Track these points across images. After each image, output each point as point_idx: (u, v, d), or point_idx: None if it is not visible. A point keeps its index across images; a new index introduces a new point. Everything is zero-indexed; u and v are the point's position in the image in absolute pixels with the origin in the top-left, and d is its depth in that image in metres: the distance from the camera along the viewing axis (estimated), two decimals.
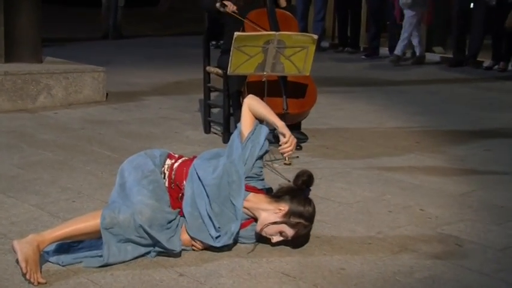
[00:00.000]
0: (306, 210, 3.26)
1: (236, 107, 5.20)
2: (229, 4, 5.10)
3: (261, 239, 3.34)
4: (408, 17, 9.62)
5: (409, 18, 9.61)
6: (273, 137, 4.86)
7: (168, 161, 3.46)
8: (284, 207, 3.25)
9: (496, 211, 3.93)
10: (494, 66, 9.30)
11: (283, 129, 3.45)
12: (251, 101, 3.52)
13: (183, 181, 3.37)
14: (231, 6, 5.09)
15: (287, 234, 3.26)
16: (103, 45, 11.62)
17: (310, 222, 3.29)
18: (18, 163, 4.66)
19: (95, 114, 6.28)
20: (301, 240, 3.33)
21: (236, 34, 4.61)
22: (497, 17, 8.91)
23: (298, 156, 4.87)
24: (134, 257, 3.14)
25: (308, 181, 3.34)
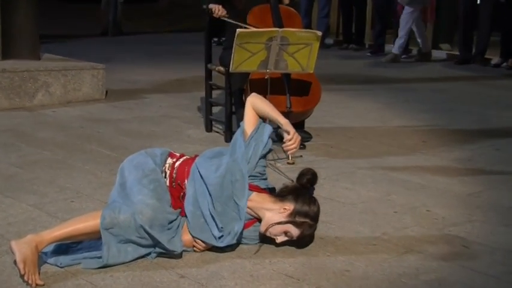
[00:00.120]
0: (311, 209, 3.27)
1: (238, 105, 5.20)
2: (217, 9, 5.06)
3: (264, 240, 3.35)
4: (405, 13, 9.60)
5: (406, 16, 9.59)
6: (276, 136, 4.86)
7: (169, 160, 3.46)
8: (289, 207, 3.26)
9: (504, 212, 3.93)
10: (502, 63, 9.28)
11: (287, 126, 3.45)
12: (254, 99, 3.53)
13: (184, 180, 3.37)
14: (218, 11, 5.05)
15: (292, 234, 3.26)
16: (102, 42, 11.63)
17: (315, 222, 3.30)
18: (16, 162, 4.67)
19: (94, 112, 6.28)
20: (306, 240, 3.34)
21: (238, 31, 4.61)
22: (506, 14, 8.89)
23: (301, 156, 4.87)
24: (134, 258, 3.14)
25: (312, 179, 3.35)
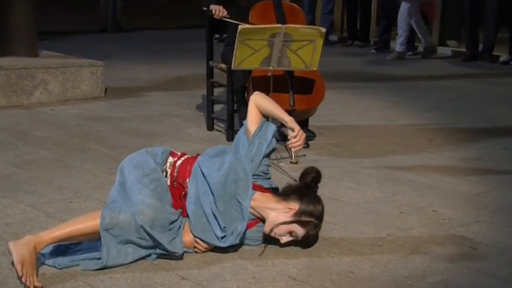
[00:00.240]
0: (316, 208, 3.27)
1: (240, 103, 5.20)
2: (217, 10, 5.05)
3: (267, 240, 3.35)
4: (402, 9, 9.60)
5: (403, 12, 9.60)
6: (279, 135, 4.86)
7: (170, 159, 3.46)
8: (294, 206, 3.26)
9: None
10: (511, 60, 9.28)
11: (292, 124, 3.46)
12: (257, 97, 3.53)
13: (186, 179, 3.37)
14: (219, 12, 5.04)
15: (297, 234, 3.27)
16: (101, 38, 11.63)
17: (321, 221, 3.31)
18: (13, 161, 4.67)
19: (93, 110, 6.29)
20: (310, 240, 3.34)
21: (240, 27, 4.61)
22: None
23: (305, 155, 4.87)
24: (134, 259, 3.14)
25: (317, 178, 3.36)
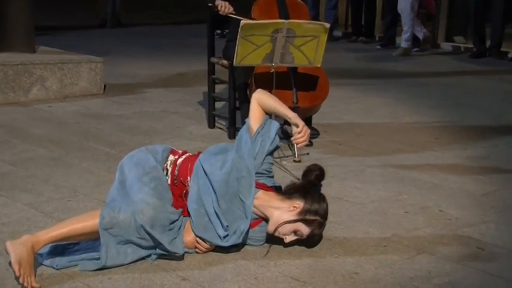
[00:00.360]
0: (321, 206, 3.28)
1: (242, 100, 5.20)
2: (222, 5, 5.05)
3: (270, 240, 3.35)
4: (405, 5, 9.59)
5: (405, 7, 9.59)
6: (282, 133, 4.86)
7: (171, 157, 3.47)
8: (299, 205, 3.27)
9: None
10: None
11: (296, 119, 3.46)
12: (260, 95, 3.54)
13: (187, 177, 3.37)
14: (224, 8, 5.04)
15: (302, 232, 3.27)
16: (100, 34, 11.63)
17: (325, 219, 3.31)
18: (10, 159, 4.68)
19: (92, 107, 6.29)
20: (315, 239, 3.35)
21: (242, 22, 4.60)
22: None
23: (308, 153, 4.88)
24: (134, 260, 3.14)
25: (320, 175, 3.38)
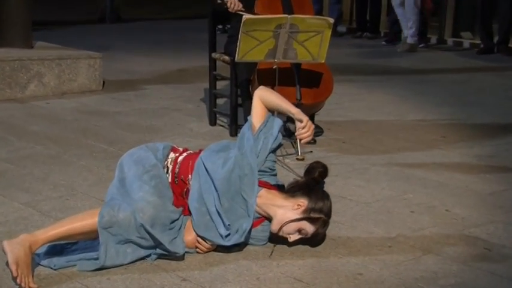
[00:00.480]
0: (325, 204, 3.29)
1: (245, 97, 5.20)
2: (232, 1, 5.03)
3: (273, 239, 3.35)
4: (409, 0, 9.59)
5: (409, 2, 9.58)
6: (285, 131, 4.86)
7: (172, 155, 3.47)
8: (303, 203, 3.27)
9: None
10: None
11: (299, 115, 3.46)
12: (262, 91, 3.54)
13: (188, 175, 3.37)
14: (234, 5, 5.04)
15: (307, 231, 3.27)
16: (99, 29, 11.65)
17: (329, 217, 3.32)
18: (6, 157, 4.68)
19: (91, 104, 6.30)
20: (319, 238, 3.35)
21: (245, 17, 4.60)
22: None
23: (311, 151, 4.87)
24: (133, 260, 3.15)
25: (324, 172, 3.38)
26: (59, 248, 3.19)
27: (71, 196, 4.00)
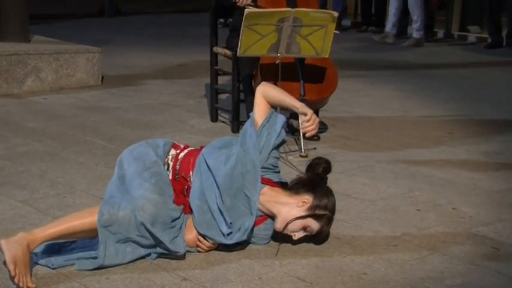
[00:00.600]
0: (330, 200, 3.30)
1: (247, 92, 5.20)
2: None
3: (276, 238, 3.35)
4: None
5: None
6: (287, 127, 4.86)
7: (173, 151, 3.47)
8: (308, 199, 3.27)
9: None
10: None
11: (303, 108, 3.47)
12: (264, 87, 3.54)
13: (189, 172, 3.38)
14: (243, 0, 5.03)
15: (312, 228, 3.28)
16: (98, 22, 11.64)
17: (334, 214, 3.33)
18: (3, 154, 4.68)
19: (89, 100, 6.30)
20: (323, 235, 3.36)
21: (247, 11, 4.60)
22: None
23: (315, 148, 4.88)
24: (133, 259, 3.15)
25: (328, 168, 3.39)
26: (57, 246, 3.19)
27: (69, 194, 4.00)
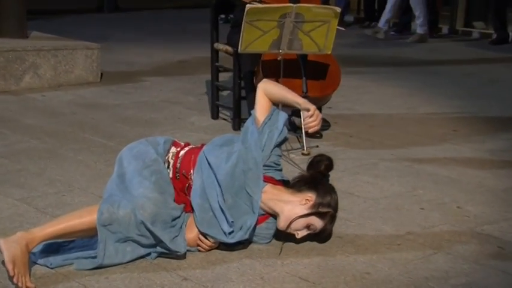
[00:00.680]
0: (333, 198, 3.31)
1: (248, 89, 5.20)
2: None
3: (279, 237, 3.35)
4: None
5: None
6: (289, 125, 4.86)
7: (173, 149, 3.47)
8: (311, 197, 3.28)
9: None
10: None
11: (306, 104, 3.47)
12: (266, 84, 3.54)
13: (190, 170, 3.37)
14: None
15: (316, 226, 3.28)
16: (97, 18, 11.64)
17: (336, 212, 3.33)
18: (1, 152, 4.68)
19: (88, 96, 6.30)
20: (327, 233, 3.36)
21: (248, 6, 4.60)
22: None
23: (318, 146, 4.88)
24: (133, 259, 3.15)
25: (330, 165, 3.40)
26: (56, 246, 3.19)
27: (68, 192, 4.00)
